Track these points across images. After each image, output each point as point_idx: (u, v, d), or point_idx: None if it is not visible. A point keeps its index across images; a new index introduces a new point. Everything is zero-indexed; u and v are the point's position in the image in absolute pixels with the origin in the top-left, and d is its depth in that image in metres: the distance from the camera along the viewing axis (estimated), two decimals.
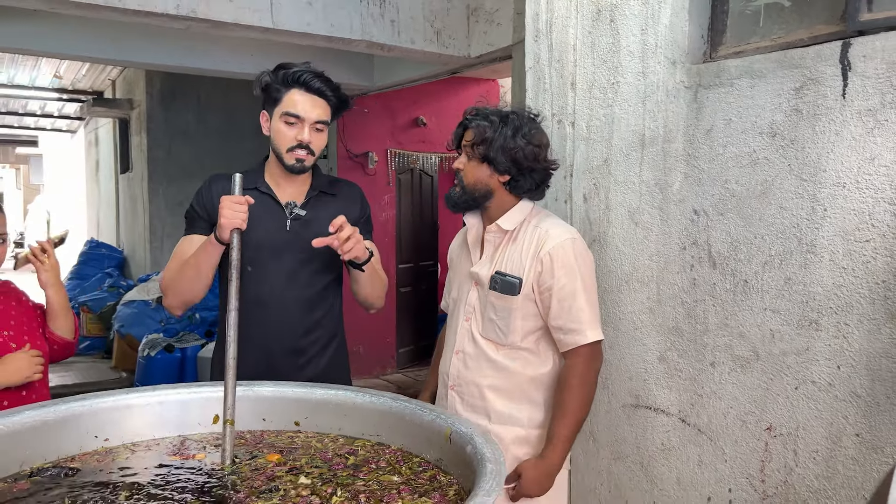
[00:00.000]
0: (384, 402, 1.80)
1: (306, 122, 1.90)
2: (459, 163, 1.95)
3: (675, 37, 1.94)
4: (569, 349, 1.86)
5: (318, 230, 1.93)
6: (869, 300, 1.55)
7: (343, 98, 1.99)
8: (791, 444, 1.70)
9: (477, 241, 2.01)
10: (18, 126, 12.05)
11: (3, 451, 1.56)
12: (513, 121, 1.87)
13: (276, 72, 1.93)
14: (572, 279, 1.84)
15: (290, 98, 1.90)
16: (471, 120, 1.93)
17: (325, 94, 1.93)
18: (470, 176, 1.93)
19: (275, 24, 4.04)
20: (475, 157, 1.91)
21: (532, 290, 1.87)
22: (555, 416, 1.85)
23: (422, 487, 1.51)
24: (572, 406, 1.83)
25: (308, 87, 1.90)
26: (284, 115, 1.90)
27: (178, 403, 1.84)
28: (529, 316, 1.90)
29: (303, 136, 1.90)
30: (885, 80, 1.50)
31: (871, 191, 1.54)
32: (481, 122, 1.89)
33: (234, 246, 1.68)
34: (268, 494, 1.46)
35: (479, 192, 1.93)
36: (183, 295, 1.96)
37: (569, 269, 1.84)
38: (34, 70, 7.82)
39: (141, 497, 1.42)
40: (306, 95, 1.90)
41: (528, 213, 1.96)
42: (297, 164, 1.93)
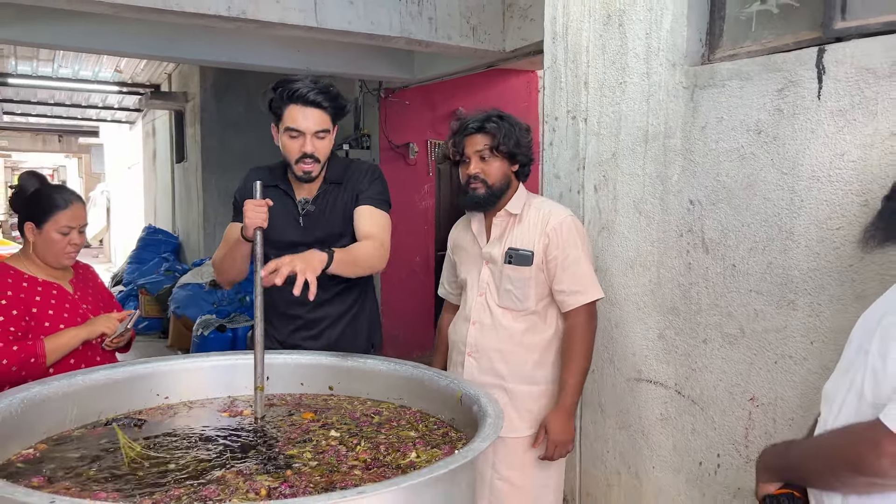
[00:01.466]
0: (406, 369, 2.04)
1: (307, 134, 2.10)
2: (475, 168, 2.17)
3: (675, 40, 2.11)
4: (571, 308, 2.14)
5: (326, 223, 2.21)
6: (838, 282, 1.71)
7: (340, 104, 2.16)
8: (771, 412, 1.88)
9: (482, 229, 2.25)
10: (81, 118, 12.68)
11: (82, 402, 1.85)
12: (506, 117, 2.13)
13: (275, 89, 2.12)
14: (574, 249, 2.12)
15: (289, 114, 2.09)
16: (478, 127, 2.15)
17: (322, 105, 2.10)
18: (495, 175, 2.18)
19: (318, 23, 4.28)
20: (495, 157, 2.15)
21: (541, 260, 2.15)
22: (564, 367, 2.14)
23: (434, 441, 1.75)
24: (578, 357, 2.12)
25: (305, 101, 2.07)
26: (287, 130, 2.11)
27: (227, 368, 2.12)
28: (540, 283, 2.18)
29: (306, 148, 2.10)
30: (854, 83, 1.66)
31: (841, 183, 1.70)
32: (491, 125, 2.12)
33: (258, 242, 1.93)
34: (302, 444, 1.71)
35: (504, 185, 2.21)
36: (227, 275, 2.28)
37: (571, 241, 2.13)
38: (97, 65, 8.28)
39: (197, 444, 1.69)
40: (304, 110, 2.08)
41: (526, 197, 2.25)
42: (305, 175, 2.15)
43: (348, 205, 2.25)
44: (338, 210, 2.24)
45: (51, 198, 2.27)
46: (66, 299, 2.28)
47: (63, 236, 2.26)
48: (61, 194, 2.30)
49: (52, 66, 8.27)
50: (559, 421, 2.10)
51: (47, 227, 2.24)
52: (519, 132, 2.14)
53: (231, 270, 2.24)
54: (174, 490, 1.41)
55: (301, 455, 1.64)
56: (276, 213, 2.16)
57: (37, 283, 2.22)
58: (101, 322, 2.24)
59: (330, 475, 1.53)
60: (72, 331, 2.19)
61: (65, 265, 2.32)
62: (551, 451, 2.11)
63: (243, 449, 1.68)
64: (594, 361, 2.43)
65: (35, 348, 2.09)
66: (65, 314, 2.24)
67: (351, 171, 2.32)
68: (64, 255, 2.28)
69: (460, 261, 2.36)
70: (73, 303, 2.29)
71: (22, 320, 2.13)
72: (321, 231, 2.20)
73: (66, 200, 2.29)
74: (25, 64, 8.14)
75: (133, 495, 1.39)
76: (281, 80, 2.15)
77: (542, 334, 2.20)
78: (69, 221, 2.26)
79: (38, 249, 2.26)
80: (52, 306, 2.23)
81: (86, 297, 2.37)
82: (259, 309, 1.92)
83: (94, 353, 2.30)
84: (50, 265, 2.29)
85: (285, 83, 2.12)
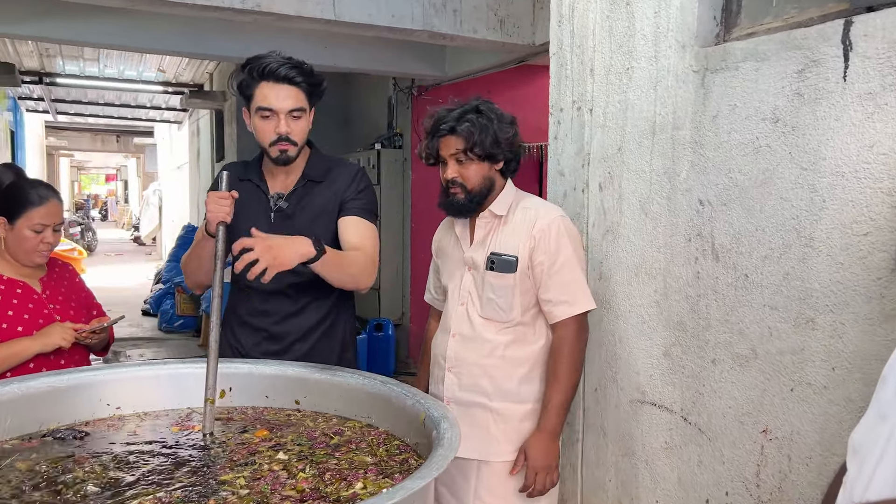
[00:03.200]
0: (374, 385, 1.84)
1: (280, 113, 1.92)
2: (451, 172, 1.96)
3: (686, 19, 1.86)
4: (559, 320, 1.93)
5: (300, 222, 2.00)
6: (865, 298, 1.44)
7: (316, 80, 1.97)
8: (786, 448, 1.61)
9: (465, 230, 2.04)
10: (132, 118, 12.94)
11: (19, 412, 1.72)
12: (485, 111, 1.90)
13: (243, 68, 1.94)
14: (562, 253, 1.91)
15: (260, 92, 1.91)
16: (450, 129, 1.92)
17: (295, 81, 1.92)
18: (474, 179, 1.96)
19: (337, 15, 4.14)
20: (471, 159, 1.93)
21: (527, 266, 1.94)
22: (549, 385, 1.93)
23: (389, 469, 1.55)
24: (564, 374, 1.90)
25: (276, 78, 1.90)
26: (258, 110, 1.93)
27: (186, 376, 1.95)
28: (526, 291, 1.96)
29: (280, 129, 1.92)
30: (886, 60, 1.39)
31: (870, 180, 1.42)
32: (464, 126, 1.90)
33: (220, 238, 1.75)
34: (241, 467, 1.53)
35: (486, 188, 1.99)
36: (193, 276, 2.11)
37: (558, 245, 1.91)
38: (140, 64, 8.38)
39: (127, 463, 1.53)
40: (275, 87, 1.90)
41: (514, 196, 2.03)
42: (282, 156, 1.97)
43: (327, 207, 2.05)
44: (315, 210, 2.05)
45: (26, 193, 2.16)
46: (31, 298, 2.17)
47: (36, 234, 2.15)
48: (37, 190, 2.19)
49: (98, 66, 8.41)
50: (540, 445, 1.88)
51: (20, 224, 2.14)
52: (498, 127, 1.91)
53: (197, 271, 2.08)
54: None
55: (234, 481, 1.46)
56: (246, 208, 1.99)
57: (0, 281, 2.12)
58: (56, 333, 2.11)
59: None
60: (24, 342, 2.07)
61: (36, 263, 2.22)
62: (531, 480, 1.88)
63: (174, 470, 1.51)
64: (598, 379, 2.19)
65: None
66: (25, 315, 2.13)
67: (335, 171, 2.12)
68: (35, 254, 2.18)
69: (443, 265, 2.15)
70: (37, 302, 2.18)
71: None
72: (292, 230, 1.98)
73: (42, 197, 2.18)
74: (72, 63, 8.30)
75: None
76: (250, 58, 1.96)
77: (529, 347, 1.97)
78: (43, 219, 2.16)
79: (9, 246, 2.17)
80: (12, 306, 2.12)
81: (55, 298, 2.25)
82: (216, 312, 1.75)
83: (59, 356, 2.18)
84: (20, 263, 2.19)
85: (254, 59, 1.94)
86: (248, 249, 1.67)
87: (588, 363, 2.24)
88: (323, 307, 2.08)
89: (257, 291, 2.04)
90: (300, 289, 2.04)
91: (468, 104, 1.94)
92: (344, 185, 2.04)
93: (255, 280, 1.72)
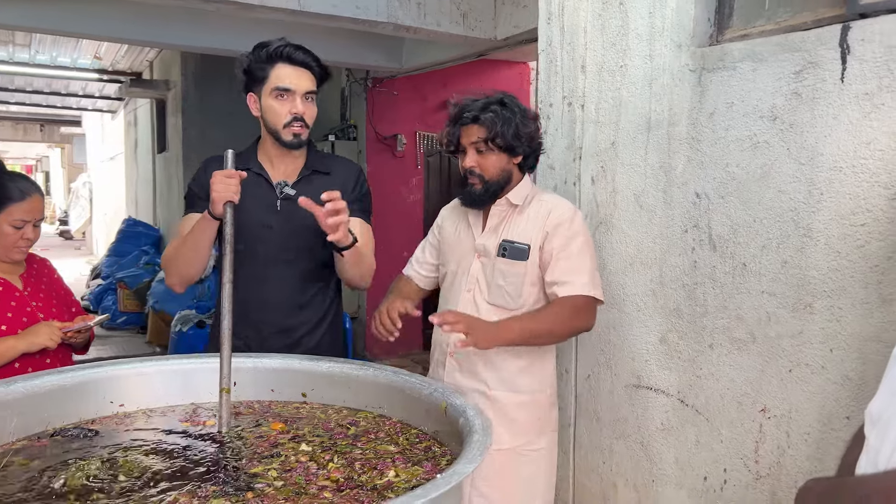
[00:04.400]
0: (386, 375, 1.86)
1: (297, 93, 1.93)
2: (471, 161, 1.99)
3: (682, 20, 1.94)
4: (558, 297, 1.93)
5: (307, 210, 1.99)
6: (862, 284, 1.55)
7: (325, 68, 2.01)
8: (784, 425, 1.72)
9: (478, 217, 2.07)
10: (62, 106, 12.37)
11: (25, 412, 1.66)
12: (509, 104, 1.94)
13: (256, 51, 1.95)
14: (573, 243, 1.94)
15: (276, 73, 1.93)
16: (474, 118, 1.96)
17: (310, 65, 1.95)
18: (492, 169, 1.99)
19: (301, 6, 4.09)
20: (491, 150, 1.96)
21: (538, 256, 1.97)
22: (530, 312, 1.93)
23: (416, 457, 1.58)
24: (545, 320, 1.89)
25: (292, 60, 1.93)
26: (275, 90, 1.93)
27: (190, 372, 1.93)
28: (536, 281, 2.00)
29: (296, 109, 1.93)
30: (883, 63, 1.50)
31: (867, 175, 1.54)
32: (487, 115, 1.93)
33: (228, 220, 1.70)
34: (269, 459, 1.54)
35: (504, 180, 2.01)
36: (181, 271, 2.02)
37: (571, 235, 1.95)
38: (75, 51, 8.03)
39: (151, 459, 1.51)
40: (292, 68, 1.93)
41: (531, 189, 2.07)
42: (295, 140, 1.97)
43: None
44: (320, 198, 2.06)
45: (5, 188, 2.07)
46: (13, 296, 2.09)
47: (16, 230, 2.07)
48: (17, 184, 2.10)
49: (29, 52, 8.01)
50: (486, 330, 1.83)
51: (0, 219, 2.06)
52: (520, 120, 1.93)
53: (190, 264, 1.99)
54: None
55: (266, 473, 1.46)
56: (249, 195, 1.94)
57: None
58: (43, 333, 2.04)
59: (296, 498, 1.36)
60: (10, 340, 2.00)
61: (15, 260, 2.14)
62: (461, 327, 1.80)
63: (202, 465, 1.50)
64: (590, 367, 2.28)
65: None
66: (9, 312, 2.05)
67: (339, 165, 2.15)
68: (14, 250, 2.10)
69: (449, 251, 2.15)
70: (19, 300, 2.10)
71: None
72: (299, 217, 1.93)
73: (23, 192, 2.09)
74: (1, 49, 7.88)
75: None
76: (261, 43, 1.97)
77: None
78: (24, 215, 2.08)
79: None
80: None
81: (36, 294, 2.18)
82: (227, 299, 1.73)
83: (44, 355, 2.11)
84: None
85: (268, 43, 1.95)
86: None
87: (580, 351, 2.32)
88: (326, 298, 2.10)
89: (267, 286, 2.03)
90: (308, 279, 2.05)
91: (493, 96, 1.97)
92: (350, 183, 2.07)
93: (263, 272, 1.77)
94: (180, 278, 2.06)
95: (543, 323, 1.90)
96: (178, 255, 2.01)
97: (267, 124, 1.99)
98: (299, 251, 2.04)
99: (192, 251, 1.98)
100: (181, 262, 2.02)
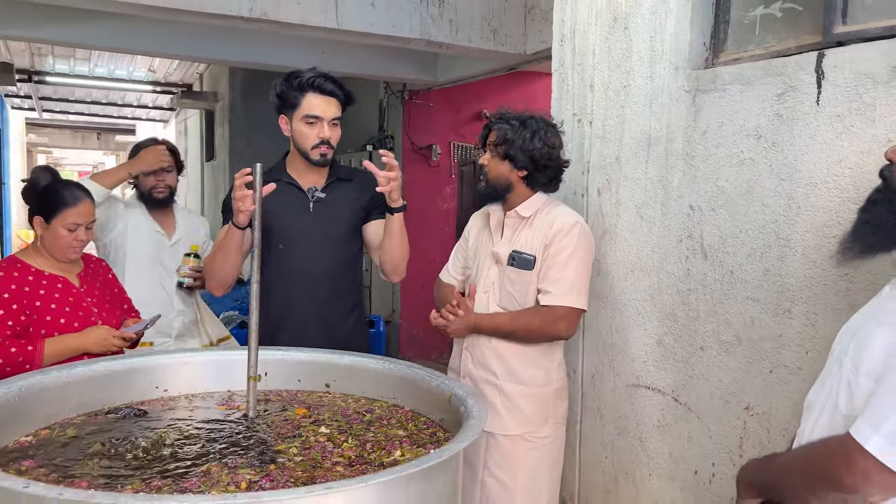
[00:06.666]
0: (400, 369, 2.06)
1: (325, 120, 2.19)
2: (484, 159, 2.22)
3: (679, 44, 2.09)
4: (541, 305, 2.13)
5: (337, 210, 2.25)
6: (833, 291, 1.68)
7: (349, 94, 2.26)
8: (765, 422, 1.85)
9: (498, 226, 2.26)
10: (118, 116, 12.96)
11: (84, 392, 1.90)
12: (531, 125, 2.12)
13: (289, 80, 2.20)
14: (566, 253, 2.10)
15: (307, 102, 2.18)
16: (494, 123, 2.18)
17: (336, 94, 2.21)
18: (493, 171, 2.19)
19: (339, 24, 4.33)
20: (497, 154, 2.16)
21: (541, 265, 2.15)
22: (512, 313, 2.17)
23: (422, 440, 1.76)
24: (518, 324, 2.14)
25: (322, 90, 2.18)
26: (305, 117, 2.19)
27: (227, 363, 2.14)
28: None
29: (324, 134, 2.20)
30: (852, 88, 1.63)
31: (838, 190, 1.67)
32: (503, 125, 2.14)
33: (256, 226, 1.87)
34: (291, 439, 1.74)
35: (501, 185, 2.20)
36: (216, 277, 2.29)
37: (566, 245, 2.11)
38: (131, 65, 8.48)
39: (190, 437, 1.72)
40: (322, 97, 2.18)
41: (543, 203, 2.23)
42: (322, 159, 2.23)
43: (359, 201, 2.31)
44: (349, 201, 2.29)
45: (60, 194, 2.31)
46: (71, 293, 2.33)
47: (70, 232, 2.30)
48: (71, 191, 2.34)
49: (89, 66, 8.49)
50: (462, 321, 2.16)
51: (55, 223, 2.28)
52: (530, 138, 2.11)
53: (223, 270, 2.25)
54: (156, 481, 1.44)
55: (288, 450, 1.66)
56: (284, 202, 2.19)
57: (42, 277, 2.27)
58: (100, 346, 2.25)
59: (312, 471, 1.55)
60: (75, 342, 2.22)
61: (70, 259, 2.35)
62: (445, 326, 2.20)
63: (233, 443, 1.70)
64: (595, 367, 2.43)
65: (32, 355, 2.13)
66: (67, 308, 2.29)
67: (357, 174, 2.42)
68: (69, 250, 2.32)
69: (472, 253, 2.35)
70: (77, 296, 2.34)
71: (22, 315, 2.18)
72: (330, 216, 2.25)
73: (76, 197, 2.32)
74: (63, 63, 8.37)
75: (115, 484, 1.42)
76: (293, 72, 2.23)
77: None
78: (76, 218, 2.31)
79: (45, 243, 2.31)
80: (55, 300, 2.27)
81: (92, 291, 2.41)
82: (255, 298, 1.94)
83: None
84: (56, 259, 2.33)
85: (300, 74, 2.21)
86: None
87: (586, 352, 2.48)
88: (355, 291, 2.33)
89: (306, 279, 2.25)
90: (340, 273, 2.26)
91: (526, 114, 2.18)
92: (370, 188, 2.27)
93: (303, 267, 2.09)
94: (217, 283, 2.32)
95: (516, 326, 2.14)
96: (213, 263, 2.29)
97: (297, 145, 2.24)
98: (333, 246, 2.28)
99: (223, 259, 2.23)
100: (215, 269, 2.29)
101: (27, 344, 2.15)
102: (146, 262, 3.02)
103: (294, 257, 2.25)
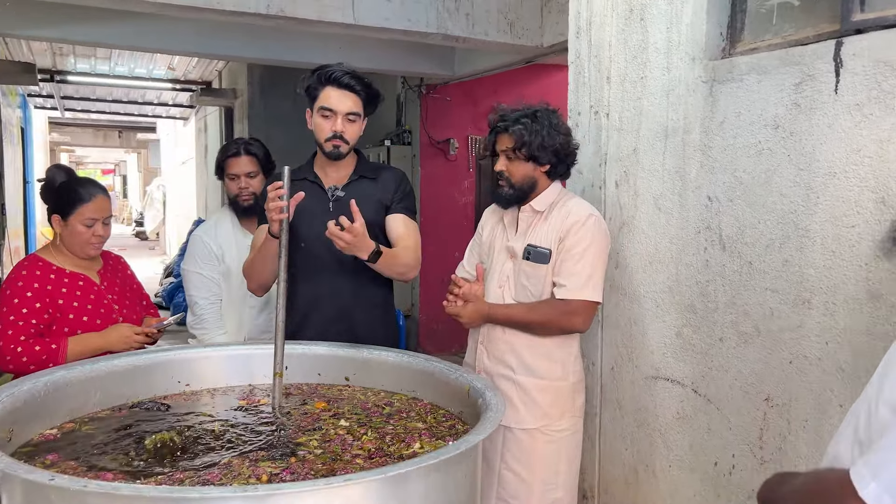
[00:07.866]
0: (419, 362, 2.07)
1: (339, 114, 2.22)
2: (500, 165, 2.20)
3: (695, 34, 2.08)
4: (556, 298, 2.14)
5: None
6: (853, 281, 1.67)
7: (373, 91, 2.27)
8: (785, 413, 1.84)
9: (513, 220, 2.26)
10: (138, 114, 13.10)
11: (107, 387, 1.93)
12: (541, 117, 2.11)
13: (313, 73, 2.24)
14: (581, 246, 2.10)
15: (324, 94, 2.22)
16: (503, 127, 2.16)
17: (355, 89, 2.22)
18: (518, 175, 2.19)
19: (356, 20, 4.34)
20: (518, 158, 2.16)
21: (556, 258, 2.15)
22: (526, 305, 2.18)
23: (440, 433, 1.78)
24: (532, 316, 2.15)
25: (339, 84, 2.21)
26: (320, 109, 2.23)
27: (246, 357, 2.18)
28: None
29: (337, 127, 2.22)
30: (871, 76, 1.61)
31: (857, 179, 1.65)
32: (517, 128, 2.12)
33: (284, 228, 1.99)
34: (311, 432, 1.76)
35: (528, 185, 2.21)
36: (257, 279, 2.35)
37: (581, 238, 2.11)
38: (151, 63, 8.56)
39: (213, 430, 1.75)
40: (338, 91, 2.21)
41: (557, 195, 2.23)
42: (334, 151, 2.26)
43: (377, 196, 2.33)
44: (369, 200, 2.30)
45: (76, 191, 2.34)
46: (92, 290, 2.36)
47: (87, 228, 2.33)
48: (86, 188, 2.36)
49: (109, 64, 8.58)
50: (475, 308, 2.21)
51: (72, 220, 2.31)
52: (547, 133, 2.10)
53: (262, 273, 2.31)
54: (178, 473, 1.47)
55: (308, 443, 1.69)
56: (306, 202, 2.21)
57: (63, 274, 2.31)
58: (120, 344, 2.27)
59: (332, 463, 1.57)
60: (98, 341, 2.25)
61: (90, 255, 2.38)
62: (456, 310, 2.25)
63: (255, 435, 1.73)
64: (613, 359, 2.43)
65: (56, 354, 2.17)
66: (89, 305, 2.32)
67: (383, 171, 2.44)
68: (88, 246, 2.35)
69: (487, 247, 2.35)
70: (98, 293, 2.37)
71: (45, 313, 2.22)
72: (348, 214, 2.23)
73: (91, 193, 2.35)
74: (84, 62, 8.46)
75: (138, 476, 1.45)
76: (319, 66, 2.27)
77: None
78: (93, 214, 2.34)
79: (65, 240, 2.34)
80: (77, 297, 2.31)
81: (112, 288, 2.45)
82: (282, 296, 1.97)
83: None
84: (76, 255, 2.37)
85: (323, 67, 2.25)
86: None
87: (605, 345, 2.48)
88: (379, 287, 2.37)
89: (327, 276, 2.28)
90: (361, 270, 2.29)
91: (528, 109, 2.16)
92: (392, 185, 2.32)
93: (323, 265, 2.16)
94: (257, 284, 2.39)
95: (531, 318, 2.15)
96: (253, 266, 2.35)
97: (315, 137, 2.27)
98: None
99: (261, 263, 2.29)
100: (255, 272, 2.35)
101: (51, 342, 2.19)
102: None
103: (315, 256, 2.28)
